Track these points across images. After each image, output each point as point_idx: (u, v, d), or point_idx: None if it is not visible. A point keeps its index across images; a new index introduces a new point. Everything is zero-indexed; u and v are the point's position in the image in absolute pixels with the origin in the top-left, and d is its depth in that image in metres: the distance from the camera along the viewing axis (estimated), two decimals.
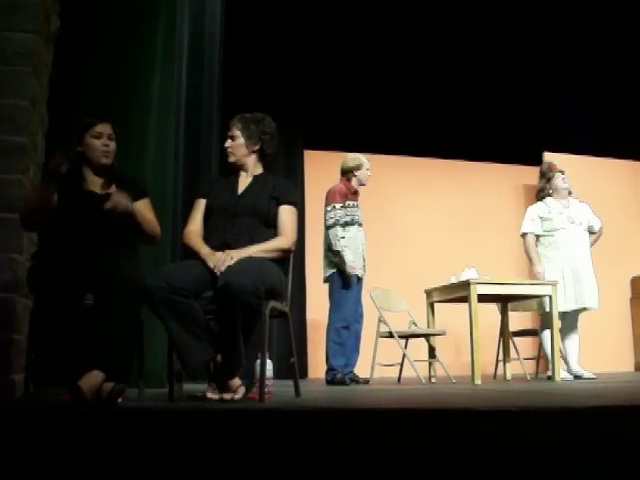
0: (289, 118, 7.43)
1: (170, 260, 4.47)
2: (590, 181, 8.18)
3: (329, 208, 5.30)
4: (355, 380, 5.22)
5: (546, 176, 5.67)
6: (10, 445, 1.77)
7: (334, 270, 5.24)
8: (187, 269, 2.91)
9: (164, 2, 4.54)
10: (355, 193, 5.45)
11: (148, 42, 4.39)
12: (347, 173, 5.47)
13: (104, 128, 3.06)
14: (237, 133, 3.28)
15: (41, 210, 2.86)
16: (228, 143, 3.30)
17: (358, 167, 5.44)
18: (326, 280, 5.33)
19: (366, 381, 5.31)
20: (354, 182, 5.45)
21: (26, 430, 1.82)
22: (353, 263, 5.17)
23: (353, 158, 5.49)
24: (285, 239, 3.11)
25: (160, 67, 4.44)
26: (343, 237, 5.21)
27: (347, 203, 5.33)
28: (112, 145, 3.08)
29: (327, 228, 5.26)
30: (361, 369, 5.42)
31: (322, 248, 5.39)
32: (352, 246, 5.25)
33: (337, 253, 5.19)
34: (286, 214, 3.16)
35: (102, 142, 3.04)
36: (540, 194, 5.70)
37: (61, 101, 3.79)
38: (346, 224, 5.28)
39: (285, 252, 3.13)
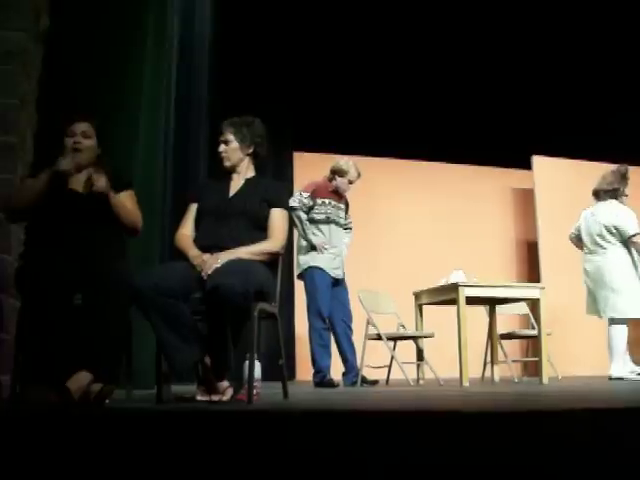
0: (278, 119, 7.41)
1: (159, 260, 4.46)
2: (578, 184, 8.21)
3: (296, 194, 5.33)
4: (366, 382, 5.27)
5: (625, 180, 5.67)
6: None
7: (304, 268, 5.25)
8: (176, 270, 2.90)
9: (154, 3, 4.52)
10: (336, 192, 5.43)
11: (138, 41, 4.37)
12: (331, 173, 5.46)
13: (77, 126, 3.04)
14: (230, 137, 3.26)
15: (32, 204, 2.87)
16: (222, 148, 3.28)
17: (342, 173, 5.39)
18: (299, 277, 5.36)
19: (375, 382, 5.37)
20: (333, 184, 5.44)
21: (13, 432, 1.81)
22: (320, 242, 5.21)
23: (344, 163, 5.44)
24: (274, 242, 3.11)
25: (150, 66, 4.43)
26: (310, 220, 5.26)
27: (320, 200, 5.31)
28: (85, 143, 3.04)
29: (291, 210, 5.13)
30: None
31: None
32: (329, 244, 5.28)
33: (304, 236, 5.24)
34: (277, 217, 3.16)
35: (73, 140, 3.01)
36: (614, 192, 5.65)
37: (50, 100, 3.77)
38: (319, 221, 5.29)
39: (273, 255, 3.13)
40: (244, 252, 2.97)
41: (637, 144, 7.52)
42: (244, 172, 3.29)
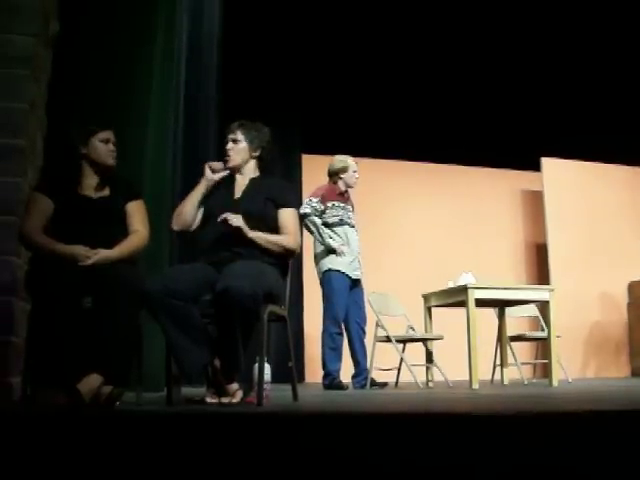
0: (287, 122, 7.43)
1: (168, 261, 4.46)
2: (587, 186, 8.21)
3: (306, 201, 5.33)
4: (375, 384, 5.27)
5: None
6: (7, 448, 1.76)
7: (323, 272, 5.24)
8: (186, 273, 2.92)
9: (163, 3, 4.54)
10: (342, 194, 5.43)
11: (147, 44, 4.37)
12: (333, 175, 5.45)
13: (110, 135, 3.12)
14: (240, 137, 3.27)
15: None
16: (230, 146, 3.28)
17: (344, 169, 5.42)
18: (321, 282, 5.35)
19: (384, 384, 5.36)
20: (340, 184, 5.43)
21: (23, 433, 1.82)
22: (338, 244, 5.18)
23: (340, 160, 5.47)
24: (292, 239, 3.12)
25: (159, 69, 4.43)
26: (324, 225, 5.24)
27: (330, 204, 5.30)
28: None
29: (304, 217, 5.17)
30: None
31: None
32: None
33: (321, 241, 5.21)
34: (288, 216, 3.17)
35: (108, 147, 3.09)
36: None
37: (60, 104, 3.79)
38: (333, 224, 5.27)
39: (288, 251, 3.13)
40: (262, 237, 3.01)
41: None
42: (249, 173, 3.30)
